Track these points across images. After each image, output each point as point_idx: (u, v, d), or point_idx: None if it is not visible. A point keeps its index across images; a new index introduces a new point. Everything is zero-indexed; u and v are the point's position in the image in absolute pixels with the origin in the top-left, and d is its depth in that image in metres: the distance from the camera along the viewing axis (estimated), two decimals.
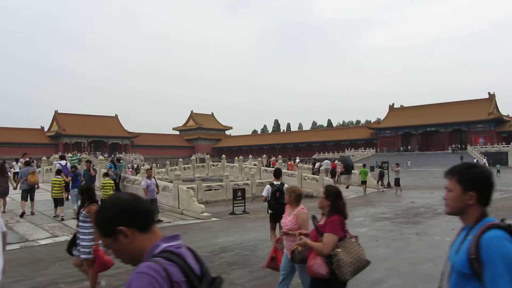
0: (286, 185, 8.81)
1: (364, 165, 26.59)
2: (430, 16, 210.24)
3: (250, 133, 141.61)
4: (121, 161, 23.29)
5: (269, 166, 29.39)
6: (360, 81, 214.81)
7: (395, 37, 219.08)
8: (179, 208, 15.86)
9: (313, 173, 26.40)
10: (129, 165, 53.96)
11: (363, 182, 24.37)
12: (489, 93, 77.21)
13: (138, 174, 25.16)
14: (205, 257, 8.49)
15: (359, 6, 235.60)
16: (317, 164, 28.37)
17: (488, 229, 1.87)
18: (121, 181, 18.80)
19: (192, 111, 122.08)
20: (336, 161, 32.00)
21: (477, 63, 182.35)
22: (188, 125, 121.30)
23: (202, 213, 14.87)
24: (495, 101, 75.97)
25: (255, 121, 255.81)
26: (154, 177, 14.77)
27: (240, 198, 16.45)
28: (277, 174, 9.78)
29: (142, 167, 30.04)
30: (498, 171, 41.82)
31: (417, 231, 10.93)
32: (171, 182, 17.52)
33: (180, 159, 41.41)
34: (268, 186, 9.18)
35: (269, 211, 9.09)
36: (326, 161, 29.99)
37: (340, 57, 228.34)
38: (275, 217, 8.62)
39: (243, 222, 13.73)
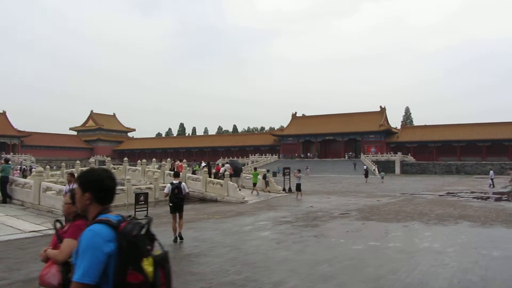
0: (183, 184, 11.42)
1: (268, 170, 27.44)
2: (336, 33, 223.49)
3: (154, 136, 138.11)
4: (9, 162, 21.27)
5: (174, 170, 29.34)
6: (265, 89, 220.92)
7: (300, 49, 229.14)
8: None
9: (216, 177, 26.58)
10: (18, 166, 49.51)
11: (254, 184, 26.28)
12: (380, 106, 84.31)
13: (29, 177, 23.16)
14: None
15: (267, 16, 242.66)
16: (222, 169, 28.59)
17: (91, 224, 2.16)
18: (9, 184, 17.17)
19: (92, 111, 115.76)
20: (220, 164, 33.44)
21: (373, 78, 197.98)
22: (87, 125, 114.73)
23: None
24: (386, 114, 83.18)
25: (160, 124, 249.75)
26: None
27: (143, 202, 15.94)
28: (176, 174, 12.16)
29: (33, 170, 27.75)
30: (382, 177, 45.80)
31: (315, 234, 11.51)
32: None
33: (78, 162, 38.86)
34: (168, 185, 11.22)
35: (170, 204, 11.00)
36: (227, 165, 30.45)
37: (248, 64, 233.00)
38: (174, 209, 10.84)
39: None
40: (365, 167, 53.35)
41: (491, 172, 35.20)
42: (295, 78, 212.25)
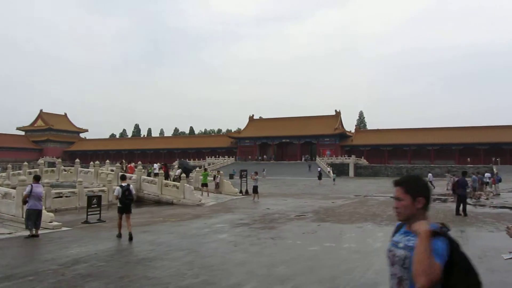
0: (131, 186, 11.97)
1: (218, 171, 27.30)
2: (291, 37, 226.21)
3: (107, 137, 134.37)
4: None
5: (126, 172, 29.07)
6: (223, 91, 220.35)
7: (258, 52, 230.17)
8: (23, 217, 14.21)
9: (173, 180, 26.21)
10: None
11: (204, 185, 26.03)
12: (335, 110, 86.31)
13: None
14: (54, 270, 7.76)
15: (224, 18, 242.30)
16: (178, 171, 28.25)
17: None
18: None
19: (41, 110, 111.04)
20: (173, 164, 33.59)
21: (328, 82, 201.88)
22: (36, 125, 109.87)
23: (51, 222, 13.54)
24: (341, 118, 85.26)
25: (114, 125, 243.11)
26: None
27: (96, 205, 15.47)
28: (122, 177, 12.72)
29: None
30: (334, 179, 46.98)
31: (272, 236, 11.58)
32: (14, 188, 15.66)
33: (25, 163, 37.14)
34: (118, 188, 11.68)
35: (119, 205, 11.41)
36: (179, 170, 30.21)
37: (205, 65, 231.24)
38: (123, 209, 11.36)
39: (98, 231, 12.91)
40: (319, 169, 54.40)
41: (430, 174, 37.97)
42: (252, 81, 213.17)
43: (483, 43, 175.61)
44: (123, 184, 11.68)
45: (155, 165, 35.15)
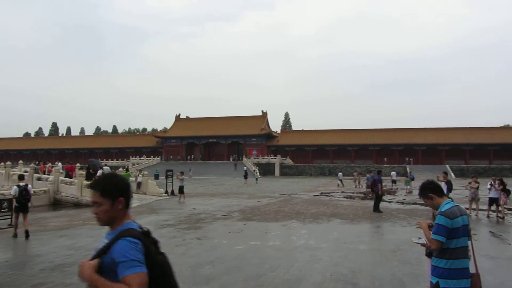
0: (29, 185, 12.39)
1: (140, 171, 26.58)
2: (220, 37, 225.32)
3: (21, 135, 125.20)
4: None
5: (44, 173, 27.55)
6: (148, 89, 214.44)
7: (186, 51, 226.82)
8: None
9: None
10: None
11: None
12: (262, 111, 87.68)
13: None
14: None
15: (150, 15, 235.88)
16: (100, 172, 27.06)
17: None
18: None
19: None
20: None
21: (255, 83, 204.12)
22: None
23: None
24: (267, 118, 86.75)
25: (29, 123, 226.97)
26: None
27: (6, 209, 14.28)
28: (20, 177, 12.83)
29: None
30: (257, 179, 47.78)
31: (198, 236, 11.47)
32: None
33: None
34: (15, 187, 11.90)
35: (16, 204, 11.72)
36: (106, 167, 29.02)
37: (128, 63, 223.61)
38: (20, 209, 11.69)
39: (10, 237, 11.95)
40: (245, 168, 54.95)
41: (340, 173, 40.44)
42: (180, 80, 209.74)
43: (403, 51, 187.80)
44: (21, 184, 11.96)
45: (59, 164, 32.97)
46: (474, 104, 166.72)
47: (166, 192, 27.47)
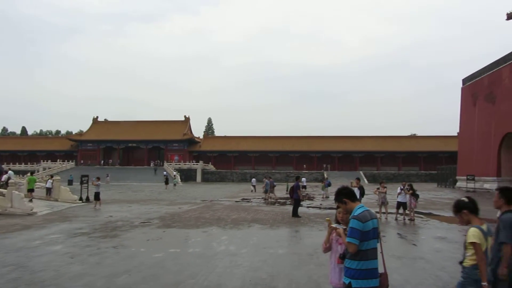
0: None
1: (50, 176, 25.05)
2: (143, 39, 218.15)
3: None
4: None
5: None
6: (63, 89, 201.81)
7: (106, 52, 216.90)
8: None
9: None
10: None
11: (30, 190, 23.68)
12: (185, 116, 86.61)
13: None
14: None
15: (68, 12, 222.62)
16: (4, 177, 24.95)
17: None
18: None
19: None
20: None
21: (179, 87, 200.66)
22: None
23: None
24: (190, 124, 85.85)
25: None
26: None
27: None
28: None
29: None
30: (175, 184, 47.17)
31: (114, 245, 11.00)
32: None
33: None
34: None
35: None
36: (10, 172, 26.81)
37: (43, 61, 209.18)
38: None
39: None
40: (165, 173, 53.95)
41: (253, 179, 41.32)
42: (99, 81, 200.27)
43: (321, 64, 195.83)
44: None
45: None
46: (385, 116, 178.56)
47: (81, 199, 26.04)
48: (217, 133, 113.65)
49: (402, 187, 17.06)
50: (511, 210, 4.62)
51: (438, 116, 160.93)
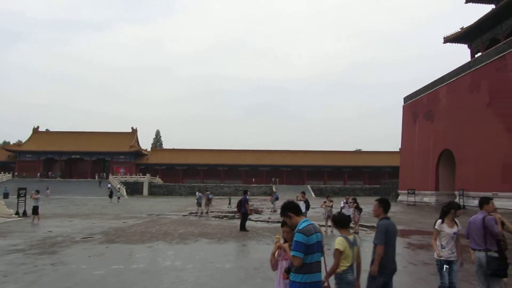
0: None
1: None
2: (88, 46, 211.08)
3: None
4: None
5: None
6: (2, 95, 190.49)
7: (47, 59, 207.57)
8: None
9: None
10: None
11: None
12: (132, 128, 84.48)
13: None
14: None
15: (8, 16, 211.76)
16: None
17: None
18: None
19: None
20: None
21: (126, 98, 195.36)
22: None
23: None
24: (137, 135, 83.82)
25: None
26: None
27: None
28: None
29: None
30: (119, 198, 45.80)
31: (53, 262, 10.45)
32: None
33: None
34: None
35: None
36: None
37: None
38: None
39: None
40: (109, 185, 52.25)
41: (198, 193, 40.05)
42: (41, 89, 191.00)
43: (270, 79, 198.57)
44: None
45: None
46: (332, 131, 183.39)
47: (17, 213, 24.57)
48: (166, 146, 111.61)
49: (345, 201, 17.54)
50: (386, 217, 5.39)
51: (382, 133, 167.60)
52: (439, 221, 6.50)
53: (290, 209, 4.19)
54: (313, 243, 3.90)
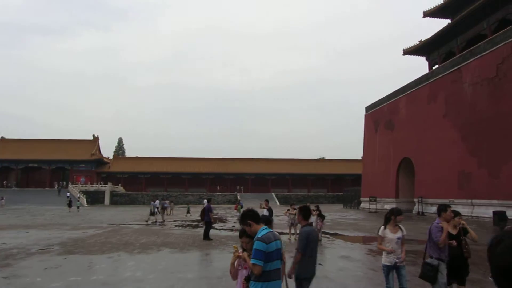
0: None
1: None
2: (44, 53, 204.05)
3: None
4: None
5: None
6: None
7: (5, 61, 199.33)
8: None
9: None
10: None
11: None
12: (93, 135, 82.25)
13: None
14: None
15: None
16: None
17: None
18: None
19: None
20: None
21: (96, 105, 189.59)
22: None
23: None
24: (99, 143, 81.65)
25: None
26: None
27: None
28: None
29: None
30: (78, 207, 44.61)
31: (5, 275, 10.01)
32: None
33: None
34: None
35: None
36: None
37: None
38: None
39: None
40: (68, 194, 50.70)
41: (157, 201, 38.43)
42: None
43: (232, 89, 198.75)
44: None
45: None
46: (296, 140, 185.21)
47: None
48: (129, 154, 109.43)
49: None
50: (307, 224, 5.79)
51: (345, 141, 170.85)
52: (382, 227, 6.71)
53: (250, 217, 4.21)
54: (273, 250, 3.93)
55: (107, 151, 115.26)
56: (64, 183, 73.65)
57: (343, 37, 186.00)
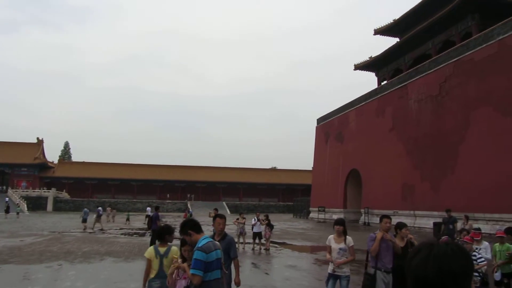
0: None
1: None
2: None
3: None
4: None
5: None
6: None
7: None
8: None
9: None
10: None
11: None
12: (38, 138, 78.44)
13: None
14: None
15: None
16: None
17: None
18: None
19: None
20: None
21: (32, 108, 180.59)
22: None
23: None
24: (43, 146, 77.95)
25: None
26: None
27: None
28: None
29: None
30: (18, 213, 42.44)
31: None
32: None
33: None
34: None
35: None
36: None
37: None
38: None
39: None
40: (6, 200, 48.06)
41: (99, 208, 36.36)
42: None
43: (185, 95, 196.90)
44: None
45: None
46: (248, 148, 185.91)
47: None
48: (75, 159, 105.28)
49: (256, 218, 17.82)
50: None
51: (297, 151, 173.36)
52: (330, 236, 6.82)
53: (190, 227, 4.15)
54: (213, 260, 3.88)
55: (53, 153, 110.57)
56: (4, 187, 69.65)
57: (305, 48, 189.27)
